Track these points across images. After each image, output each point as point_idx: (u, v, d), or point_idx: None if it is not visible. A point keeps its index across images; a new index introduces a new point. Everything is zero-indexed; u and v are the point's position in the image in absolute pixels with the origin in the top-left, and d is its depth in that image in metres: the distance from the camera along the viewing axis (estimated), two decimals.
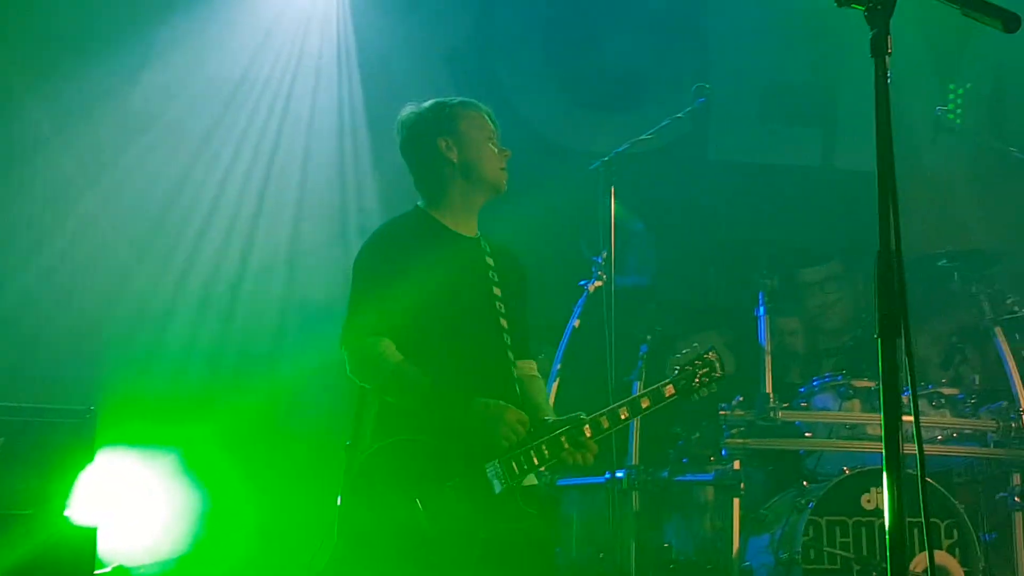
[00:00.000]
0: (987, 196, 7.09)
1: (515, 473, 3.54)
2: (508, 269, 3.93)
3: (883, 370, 2.38)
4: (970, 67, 7.15)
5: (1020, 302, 6.28)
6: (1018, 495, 5.93)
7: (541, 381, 3.93)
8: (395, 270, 3.75)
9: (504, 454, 3.55)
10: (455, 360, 3.72)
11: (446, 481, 3.54)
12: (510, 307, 3.85)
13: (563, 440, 3.55)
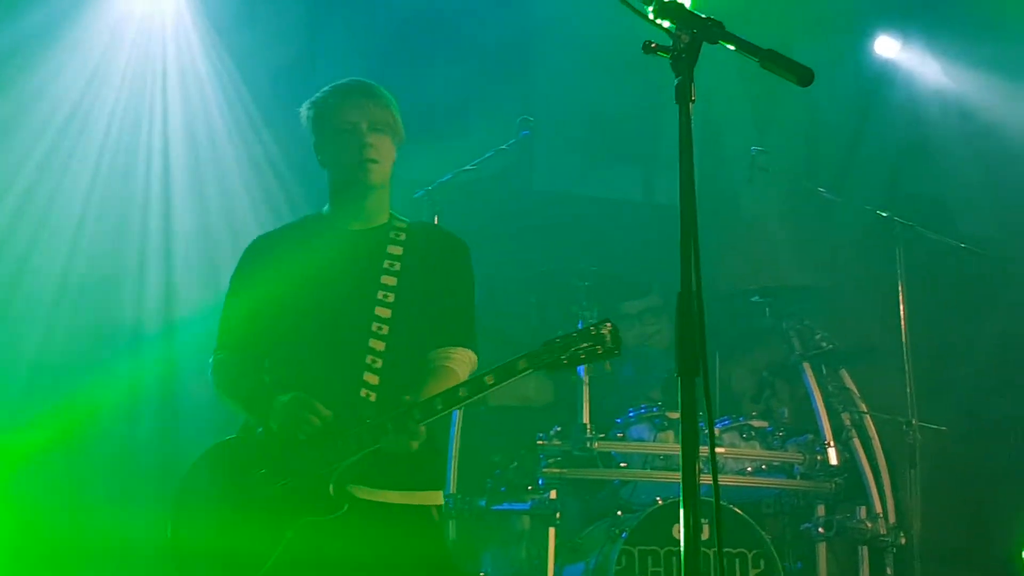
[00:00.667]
0: (799, 234, 7.29)
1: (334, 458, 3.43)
2: (423, 255, 3.80)
3: (682, 406, 2.48)
4: (785, 108, 7.32)
5: (827, 338, 6.44)
6: (822, 526, 6.09)
7: (453, 374, 3.64)
8: (246, 283, 3.82)
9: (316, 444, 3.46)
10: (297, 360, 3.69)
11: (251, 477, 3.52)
12: (409, 295, 3.71)
13: (388, 425, 3.39)
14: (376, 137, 3.73)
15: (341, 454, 3.42)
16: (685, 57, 2.64)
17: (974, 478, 7.24)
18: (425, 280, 3.74)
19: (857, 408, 6.48)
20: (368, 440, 3.40)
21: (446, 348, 3.70)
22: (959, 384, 7.21)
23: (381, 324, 3.63)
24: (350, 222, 3.81)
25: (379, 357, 3.60)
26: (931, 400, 6.65)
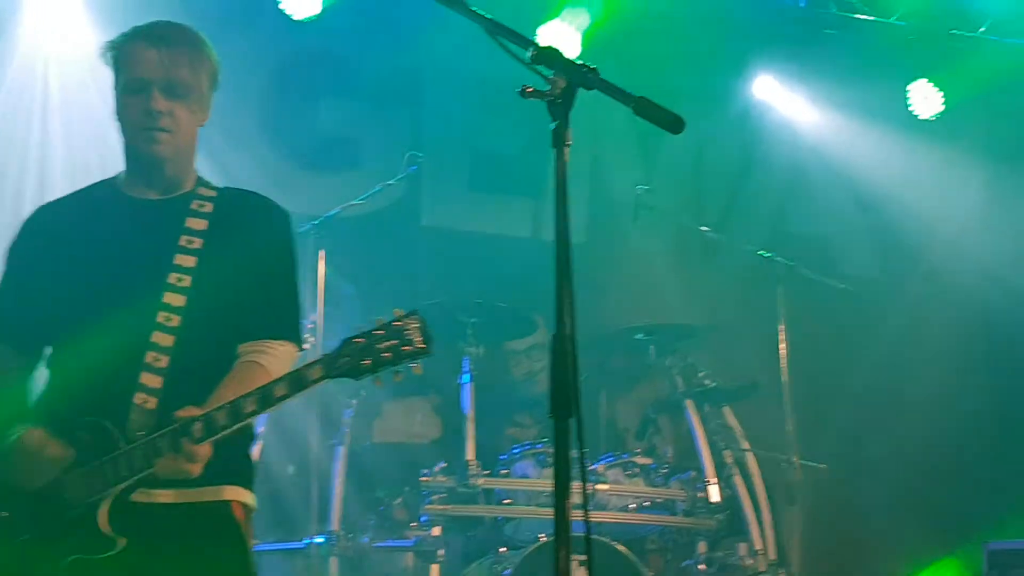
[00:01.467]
0: (684, 272, 7.30)
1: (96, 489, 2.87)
2: (233, 227, 3.16)
3: (555, 445, 2.53)
4: (671, 148, 7.36)
5: (710, 376, 6.50)
6: (703, 563, 6.14)
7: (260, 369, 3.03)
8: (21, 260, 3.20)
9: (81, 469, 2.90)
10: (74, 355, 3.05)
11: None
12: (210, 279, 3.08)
13: (162, 445, 2.83)
14: (170, 103, 3.09)
15: (106, 483, 2.86)
16: (561, 102, 2.66)
17: (852, 514, 7.36)
18: (233, 260, 3.09)
19: (739, 446, 6.53)
20: (139, 463, 2.84)
21: (259, 341, 3.09)
22: (837, 422, 7.27)
23: (170, 314, 3.01)
24: (144, 190, 3.17)
25: (164, 354, 2.98)
26: (810, 437, 6.74)
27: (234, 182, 6.75)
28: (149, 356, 2.96)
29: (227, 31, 6.59)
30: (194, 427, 2.79)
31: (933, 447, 7.59)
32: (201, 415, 2.81)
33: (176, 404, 2.84)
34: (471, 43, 2.85)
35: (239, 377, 2.99)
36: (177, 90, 3.08)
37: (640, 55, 6.81)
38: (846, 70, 7.69)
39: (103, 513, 2.86)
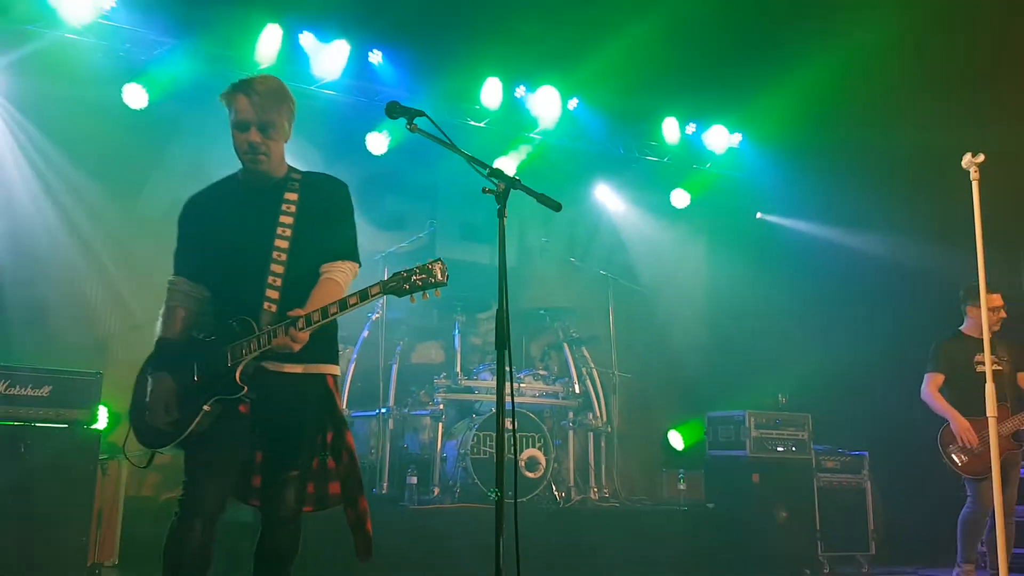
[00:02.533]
0: (564, 281, 7.26)
1: (240, 355, 2.60)
2: (313, 196, 2.79)
3: (498, 363, 2.63)
4: (560, 220, 7.25)
5: (576, 331, 6.50)
6: (571, 423, 6.06)
7: (331, 281, 2.72)
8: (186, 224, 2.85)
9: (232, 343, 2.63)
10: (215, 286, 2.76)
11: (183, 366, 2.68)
12: (303, 226, 2.74)
13: (279, 331, 2.56)
14: (262, 135, 2.70)
15: (248, 350, 2.59)
16: (502, 196, 2.66)
17: (644, 397, 7.25)
18: (315, 216, 2.76)
19: (589, 366, 6.50)
20: (265, 341, 2.57)
21: (332, 262, 2.75)
22: (638, 354, 7.13)
23: (280, 252, 2.70)
24: (257, 180, 2.79)
25: (278, 277, 2.68)
26: (624, 362, 6.72)
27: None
28: (270, 279, 2.68)
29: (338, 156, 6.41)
30: (298, 321, 2.54)
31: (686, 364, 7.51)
32: (304, 315, 2.55)
33: (288, 307, 2.61)
34: (460, 167, 3.00)
35: (322, 288, 2.69)
36: (267, 126, 2.70)
37: (545, 174, 6.86)
38: (640, 183, 7.68)
39: (239, 372, 2.59)
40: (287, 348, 2.56)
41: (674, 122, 7.42)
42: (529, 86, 6.90)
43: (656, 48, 6.26)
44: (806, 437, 6.18)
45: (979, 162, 3.60)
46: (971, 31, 5.82)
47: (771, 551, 5.82)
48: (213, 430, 2.61)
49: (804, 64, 6.27)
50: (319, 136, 6.19)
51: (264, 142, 2.71)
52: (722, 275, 7.74)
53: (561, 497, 5.72)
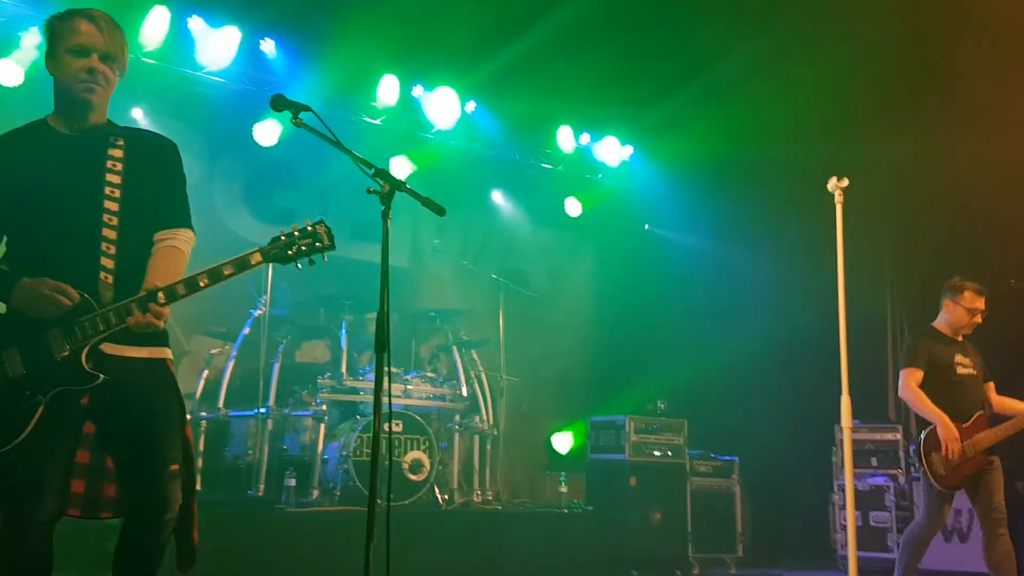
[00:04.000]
0: (458, 283, 7.26)
1: (79, 339, 2.26)
2: (141, 156, 2.51)
3: (377, 366, 2.58)
4: (453, 224, 7.27)
5: (467, 333, 6.48)
6: (458, 425, 6.03)
7: (175, 251, 2.48)
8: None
9: (64, 323, 2.26)
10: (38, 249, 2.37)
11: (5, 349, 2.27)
12: (133, 191, 2.45)
13: (133, 307, 2.27)
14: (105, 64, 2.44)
15: (93, 331, 2.26)
16: (387, 197, 2.63)
17: (533, 401, 7.32)
18: (144, 176, 2.49)
19: (478, 369, 6.52)
20: (117, 320, 2.27)
21: (169, 229, 2.50)
22: (527, 358, 7.19)
23: (111, 216, 2.39)
24: (73, 127, 2.48)
25: (112, 244, 2.38)
26: (512, 365, 6.74)
27: (232, 229, 6.45)
28: (103, 246, 2.37)
29: (225, 146, 6.37)
30: (159, 294, 2.28)
31: (572, 370, 7.65)
32: (165, 286, 2.30)
33: (125, 279, 2.35)
34: (353, 164, 2.93)
35: (165, 258, 2.45)
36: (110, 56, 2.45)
37: (441, 176, 6.84)
38: (535, 189, 7.77)
39: (83, 356, 2.26)
40: (149, 327, 2.30)
41: (569, 131, 7.59)
42: (427, 85, 6.88)
43: (554, 56, 6.38)
44: (682, 442, 6.46)
45: (843, 186, 3.83)
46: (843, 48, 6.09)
47: (645, 552, 6.08)
48: (46, 429, 2.25)
49: (692, 79, 6.49)
50: (204, 125, 6.03)
51: (104, 72, 2.45)
52: (610, 284, 7.96)
53: (444, 500, 5.73)
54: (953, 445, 4.16)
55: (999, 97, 5.95)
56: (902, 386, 4.41)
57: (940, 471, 4.22)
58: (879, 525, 6.20)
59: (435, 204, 2.74)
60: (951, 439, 4.17)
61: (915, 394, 4.34)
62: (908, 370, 4.39)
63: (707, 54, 6.51)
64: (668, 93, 6.88)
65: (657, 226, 8.09)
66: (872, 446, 6.41)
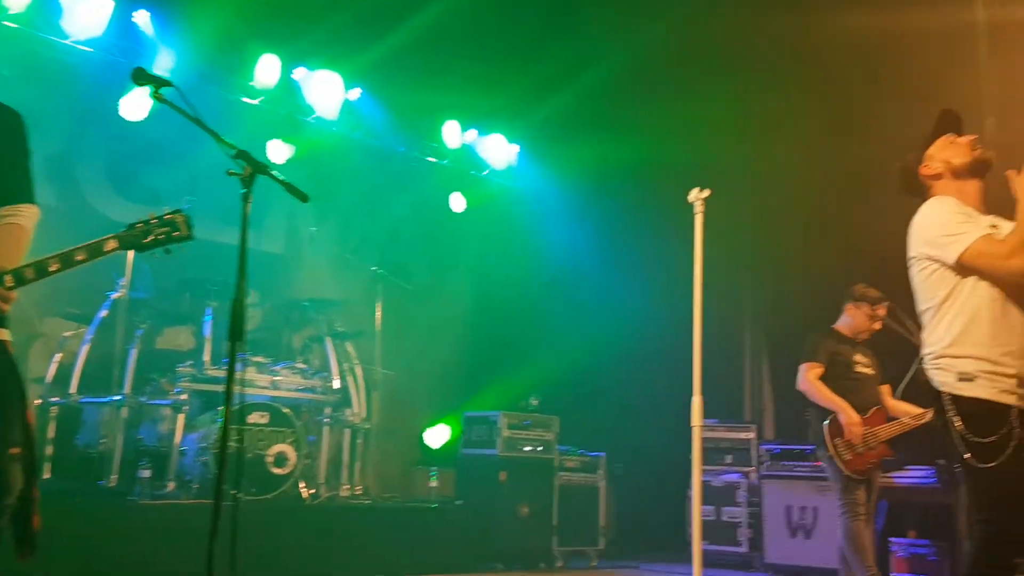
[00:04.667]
0: (335, 273, 7.10)
1: None
2: None
3: (231, 355, 2.56)
4: (333, 211, 7.16)
5: (341, 324, 6.39)
6: (328, 418, 5.94)
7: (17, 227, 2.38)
8: None
9: None
10: None
11: None
12: None
13: None
14: None
15: None
16: (248, 180, 2.63)
17: (403, 396, 7.21)
18: None
19: (352, 361, 6.44)
20: None
21: (11, 205, 2.41)
22: (404, 351, 7.19)
23: None
24: None
25: None
26: (389, 359, 6.73)
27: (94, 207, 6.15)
28: None
29: (90, 120, 6.09)
30: (5, 278, 2.22)
31: (449, 364, 7.63)
32: (12, 269, 2.23)
33: None
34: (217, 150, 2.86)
35: (5, 233, 2.36)
36: None
37: (322, 163, 6.76)
38: (420, 183, 7.69)
39: None
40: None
41: (456, 126, 7.60)
42: (310, 68, 6.74)
43: (442, 47, 6.38)
44: (552, 438, 6.63)
45: (704, 197, 3.99)
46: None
47: (511, 546, 6.22)
48: None
49: (576, 81, 6.63)
50: (69, 96, 5.77)
51: None
52: (491, 281, 8.01)
53: (310, 495, 5.64)
54: (855, 429, 4.33)
55: (855, 107, 6.29)
56: (801, 379, 4.58)
57: (846, 456, 4.38)
58: (731, 520, 6.55)
59: (297, 190, 2.71)
60: (852, 423, 4.34)
61: (814, 386, 4.53)
62: (808, 364, 4.59)
63: (593, 55, 6.65)
64: (554, 93, 7.00)
65: (540, 226, 8.18)
66: (728, 444, 6.76)
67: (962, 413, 2.60)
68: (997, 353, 2.62)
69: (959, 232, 2.69)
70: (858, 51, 6.00)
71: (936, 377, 2.71)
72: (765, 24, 6.06)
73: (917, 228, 2.83)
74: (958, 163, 2.87)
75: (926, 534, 5.80)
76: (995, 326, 2.64)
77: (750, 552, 6.49)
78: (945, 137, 2.93)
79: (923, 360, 2.80)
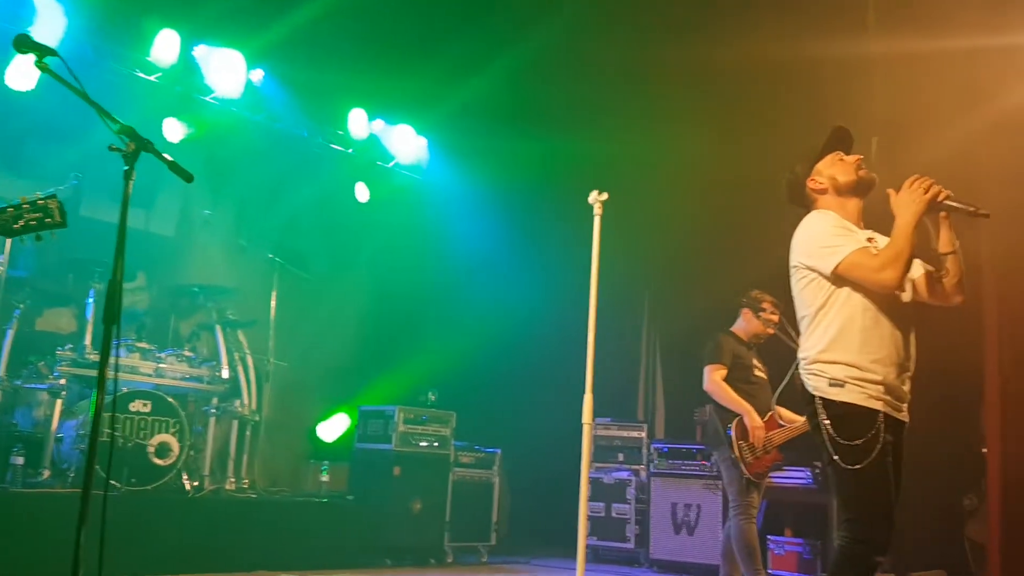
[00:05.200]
0: (229, 260, 6.84)
1: None
2: None
3: (104, 341, 2.50)
4: (224, 190, 7.02)
5: (236, 314, 6.22)
6: (214, 408, 5.85)
7: None
8: None
9: None
10: None
11: None
12: None
13: None
14: None
15: None
16: (131, 156, 2.60)
17: (302, 387, 7.16)
18: None
19: (244, 351, 6.36)
20: None
21: None
22: (300, 342, 7.01)
23: None
24: None
25: None
26: (284, 349, 6.61)
27: None
28: None
29: None
30: None
31: (347, 357, 7.47)
32: None
33: None
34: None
35: None
36: None
37: (222, 145, 6.62)
38: (323, 171, 7.52)
39: None
40: None
41: (362, 115, 7.54)
42: (211, 45, 6.57)
43: (348, 33, 6.29)
44: (448, 433, 6.70)
45: (603, 199, 4.10)
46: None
47: (402, 542, 6.28)
48: None
49: (484, 73, 6.67)
50: None
51: None
52: (392, 273, 7.93)
53: (193, 487, 5.53)
54: (759, 433, 4.48)
55: (755, 122, 6.53)
56: (707, 380, 4.69)
57: (748, 459, 4.51)
58: (620, 516, 6.77)
59: (182, 170, 2.68)
60: (757, 427, 4.49)
61: (721, 387, 4.64)
62: (714, 366, 4.69)
63: (504, 49, 6.68)
64: (464, 87, 7.01)
65: (445, 220, 8.20)
66: (620, 442, 6.97)
67: (832, 417, 2.73)
68: (866, 360, 2.75)
69: (837, 244, 2.83)
70: (762, 71, 6.24)
71: (809, 382, 2.84)
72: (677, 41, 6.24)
73: (798, 239, 2.96)
74: (843, 181, 3.00)
75: (801, 533, 6.19)
76: (866, 335, 2.78)
77: (636, 548, 6.72)
78: (835, 154, 3.06)
79: (798, 365, 2.93)
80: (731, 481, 4.58)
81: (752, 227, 6.48)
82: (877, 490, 2.67)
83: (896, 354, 2.80)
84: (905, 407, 2.83)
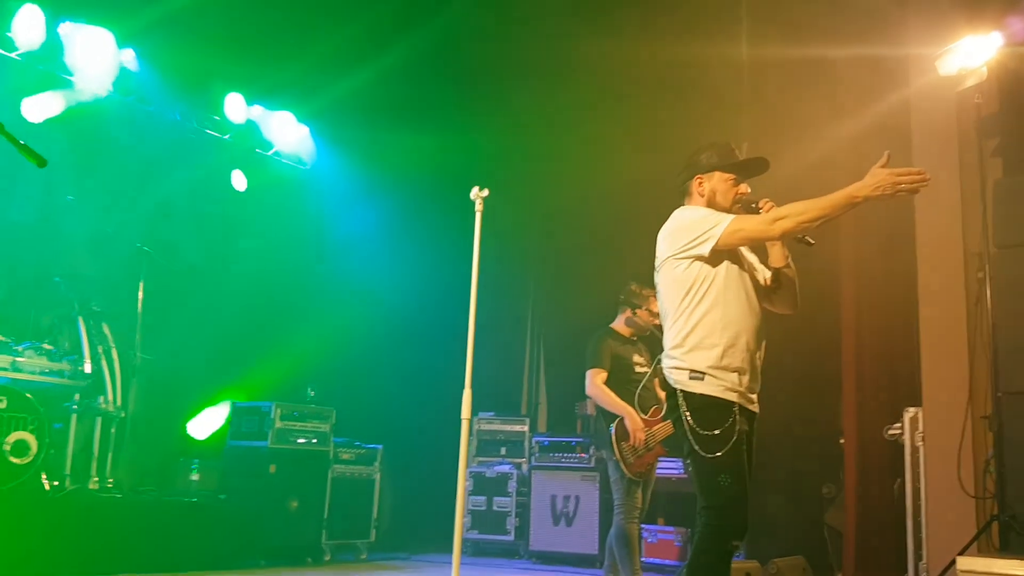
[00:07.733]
0: (94, 248, 6.72)
1: None
2: None
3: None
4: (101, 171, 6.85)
5: (100, 306, 6.12)
6: (77, 406, 5.72)
7: None
8: None
9: None
10: None
11: None
12: None
13: None
14: None
15: None
16: None
17: (172, 382, 6.95)
18: None
19: (108, 344, 6.10)
20: None
21: None
22: (170, 335, 6.86)
23: None
24: None
25: None
26: (152, 343, 6.44)
27: None
28: None
29: None
30: None
31: (220, 351, 7.19)
32: None
33: None
34: None
35: None
36: None
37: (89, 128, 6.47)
38: (198, 157, 7.44)
39: None
40: None
41: (240, 99, 7.51)
42: (77, 22, 6.44)
43: (227, 15, 6.29)
44: (328, 429, 6.79)
45: (484, 196, 4.32)
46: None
47: (278, 541, 6.36)
48: None
49: (367, 61, 6.78)
50: None
51: None
52: (271, 264, 7.91)
53: (53, 486, 5.47)
54: (639, 434, 4.64)
55: (643, 123, 6.81)
56: (589, 384, 4.85)
57: (630, 459, 4.68)
58: (500, 510, 7.06)
59: (35, 154, 2.70)
60: (638, 428, 4.66)
61: (602, 391, 4.80)
62: (594, 371, 4.85)
63: (388, 36, 6.81)
64: (347, 75, 7.11)
65: (325, 211, 8.25)
66: (503, 436, 7.27)
67: (692, 409, 2.94)
68: (723, 353, 2.96)
69: (716, 222, 2.99)
70: (645, 71, 6.58)
71: (671, 375, 3.04)
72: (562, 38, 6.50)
73: (669, 231, 3.11)
74: (718, 202, 3.17)
75: (673, 521, 6.61)
76: (725, 330, 2.98)
77: (516, 540, 7.02)
78: (732, 177, 3.18)
79: (660, 359, 3.14)
80: (615, 481, 4.77)
81: (634, 222, 6.77)
82: (734, 477, 2.89)
83: (749, 348, 3.01)
84: (756, 398, 3.07)
